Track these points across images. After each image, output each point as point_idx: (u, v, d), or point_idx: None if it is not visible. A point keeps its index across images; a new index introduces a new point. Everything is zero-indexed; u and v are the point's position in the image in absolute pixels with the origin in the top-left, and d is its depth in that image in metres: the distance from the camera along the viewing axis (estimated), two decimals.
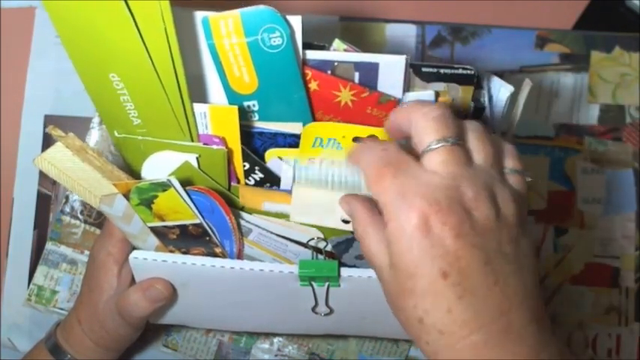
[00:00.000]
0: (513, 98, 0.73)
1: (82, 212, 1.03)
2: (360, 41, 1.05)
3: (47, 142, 1.03)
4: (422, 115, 0.58)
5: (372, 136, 0.68)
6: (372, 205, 0.59)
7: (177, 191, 0.67)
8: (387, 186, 0.55)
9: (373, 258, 0.58)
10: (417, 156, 0.57)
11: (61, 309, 1.02)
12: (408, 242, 0.53)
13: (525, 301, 0.54)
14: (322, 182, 0.71)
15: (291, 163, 0.72)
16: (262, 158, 0.73)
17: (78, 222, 1.03)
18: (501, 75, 1.06)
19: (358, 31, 1.07)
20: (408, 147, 0.59)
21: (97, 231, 1.03)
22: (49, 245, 1.03)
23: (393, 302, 0.57)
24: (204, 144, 0.70)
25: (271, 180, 0.73)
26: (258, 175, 0.73)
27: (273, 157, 0.73)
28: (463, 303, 0.53)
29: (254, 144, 0.73)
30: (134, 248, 0.78)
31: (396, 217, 0.54)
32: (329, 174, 0.71)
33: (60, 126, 0.99)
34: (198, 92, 0.70)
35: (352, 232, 0.72)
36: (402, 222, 0.54)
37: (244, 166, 0.72)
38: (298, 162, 0.71)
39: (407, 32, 1.07)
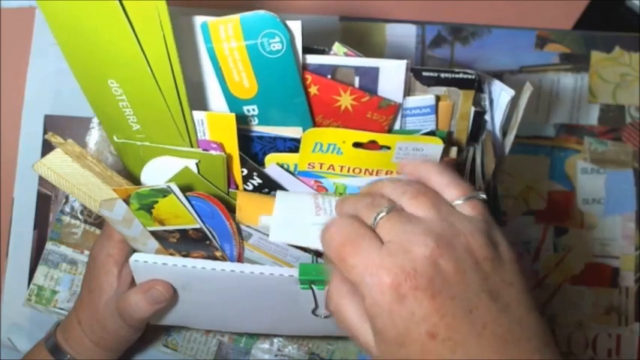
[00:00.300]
0: (514, 102, 0.73)
1: (82, 212, 1.03)
2: (361, 41, 1.05)
3: (47, 142, 1.03)
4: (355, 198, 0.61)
5: (372, 142, 0.68)
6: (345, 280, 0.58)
7: (177, 197, 0.67)
8: (351, 266, 0.55)
9: (356, 332, 0.58)
10: None
11: (61, 309, 1.02)
12: (388, 316, 0.53)
13: (522, 335, 0.54)
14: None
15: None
16: (262, 162, 0.73)
17: (78, 222, 1.03)
18: (501, 75, 1.06)
19: (358, 31, 1.06)
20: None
21: (97, 231, 1.03)
22: (49, 245, 1.03)
23: None
24: (203, 150, 0.70)
25: (269, 186, 0.73)
26: (257, 181, 0.73)
27: (272, 163, 0.73)
28: (458, 356, 0.52)
29: (254, 148, 0.74)
30: (134, 250, 0.78)
31: (370, 294, 0.54)
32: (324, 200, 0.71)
33: (60, 126, 0.99)
34: (198, 98, 0.70)
35: None
36: (376, 298, 0.53)
37: (242, 171, 0.72)
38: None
39: (407, 32, 1.07)
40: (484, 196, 0.59)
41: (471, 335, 0.52)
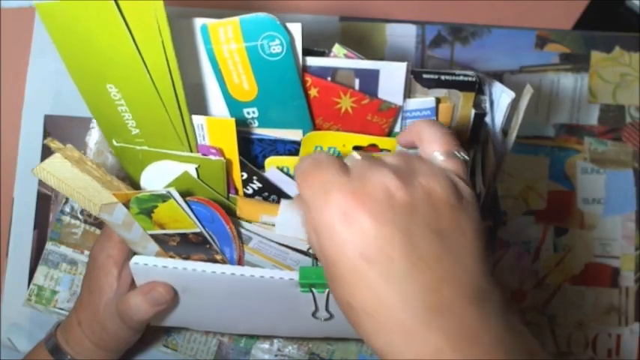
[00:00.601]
0: (514, 104, 0.73)
1: (82, 212, 1.03)
2: (361, 42, 1.05)
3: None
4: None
5: (372, 146, 0.68)
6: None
7: (177, 202, 0.67)
8: (310, 183, 0.56)
9: (313, 249, 0.59)
10: None
11: (61, 309, 1.02)
12: (327, 231, 0.53)
13: (461, 279, 0.53)
14: None
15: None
16: (262, 165, 0.73)
17: (78, 222, 1.03)
18: (501, 75, 1.06)
19: (358, 31, 1.06)
20: None
21: (97, 231, 1.03)
22: (49, 245, 1.03)
23: (330, 287, 0.57)
24: (203, 155, 0.69)
25: (269, 189, 0.73)
26: (256, 185, 0.73)
27: (272, 167, 0.73)
28: (387, 284, 0.52)
29: (254, 151, 0.73)
30: (134, 252, 0.78)
31: (316, 209, 0.55)
32: None
33: (60, 126, 0.99)
34: (197, 100, 0.70)
35: None
36: (320, 213, 0.54)
37: (242, 175, 0.72)
38: None
39: (407, 32, 1.07)
40: (465, 155, 0.59)
41: (405, 266, 0.52)
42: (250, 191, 0.74)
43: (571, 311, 1.05)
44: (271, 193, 0.74)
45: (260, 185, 0.73)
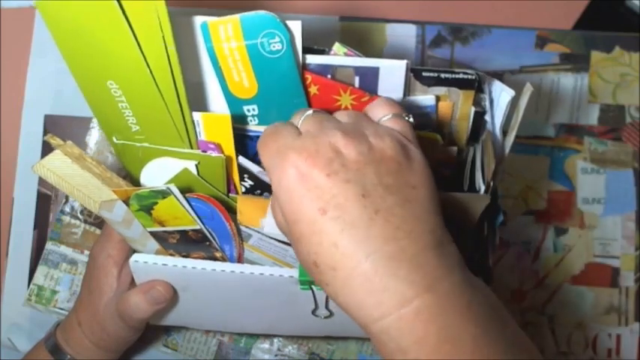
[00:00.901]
0: (514, 102, 0.73)
1: (82, 212, 1.03)
2: (360, 41, 1.05)
3: (47, 142, 1.03)
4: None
5: None
6: None
7: (177, 199, 0.67)
8: (267, 149, 0.59)
9: (274, 216, 0.61)
10: None
11: (61, 309, 1.02)
12: (286, 193, 0.56)
13: (416, 229, 0.55)
14: None
15: None
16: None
17: (78, 222, 1.03)
18: (501, 75, 1.06)
19: (358, 31, 1.06)
20: None
21: (97, 231, 1.03)
22: (49, 245, 1.03)
23: (295, 253, 0.59)
24: (203, 151, 0.69)
25: (261, 187, 0.73)
26: (248, 183, 0.73)
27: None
28: (345, 235, 0.53)
29: (253, 148, 0.73)
30: (134, 251, 0.78)
31: (274, 171, 0.57)
32: None
33: (60, 126, 0.99)
34: (198, 98, 0.70)
35: None
36: (278, 176, 0.57)
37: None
38: None
39: (407, 32, 1.07)
40: (411, 118, 0.62)
41: (361, 218, 0.54)
42: (243, 189, 0.74)
43: (571, 311, 1.05)
44: (263, 192, 0.74)
45: (252, 183, 0.73)
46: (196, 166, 0.70)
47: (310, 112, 0.62)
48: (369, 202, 0.54)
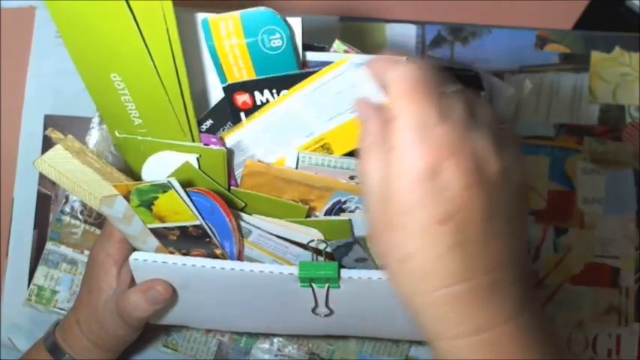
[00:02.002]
0: (513, 100, 0.73)
1: (82, 212, 1.03)
2: (360, 41, 1.05)
3: (47, 142, 1.03)
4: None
5: None
6: (386, 120, 0.54)
7: (177, 192, 0.67)
8: (408, 114, 0.52)
9: (367, 178, 0.55)
10: None
11: (61, 309, 1.02)
12: (411, 180, 0.51)
13: (515, 262, 0.53)
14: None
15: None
16: None
17: (78, 222, 1.03)
18: (501, 75, 1.06)
19: (358, 31, 1.06)
20: None
21: (97, 231, 1.03)
22: (49, 245, 1.03)
23: (377, 232, 0.55)
24: (204, 144, 0.70)
25: None
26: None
27: None
28: (457, 252, 0.51)
29: None
30: (134, 249, 0.78)
31: (407, 150, 0.52)
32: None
33: (60, 126, 0.99)
34: (198, 94, 0.70)
35: (353, 237, 0.72)
36: (410, 158, 0.51)
37: None
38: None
39: (407, 32, 1.07)
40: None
41: (479, 240, 0.52)
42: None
43: (571, 311, 1.05)
44: None
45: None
46: (198, 159, 0.70)
47: (459, 86, 0.55)
48: (490, 227, 0.52)
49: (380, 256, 0.55)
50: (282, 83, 0.67)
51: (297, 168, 0.71)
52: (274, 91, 0.67)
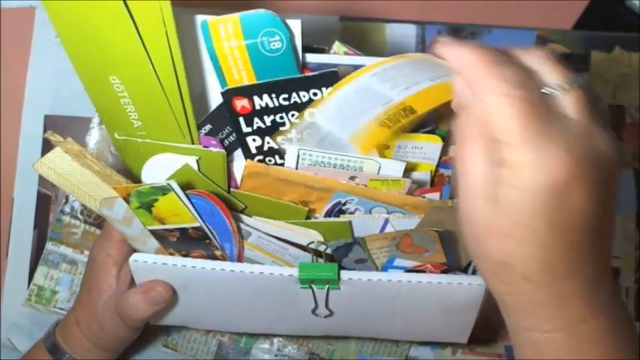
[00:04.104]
0: None
1: (82, 212, 1.03)
2: (360, 41, 1.05)
3: (47, 142, 1.03)
4: (540, 55, 0.53)
5: None
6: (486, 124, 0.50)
7: (177, 195, 0.67)
8: (519, 125, 0.47)
9: (468, 173, 0.51)
10: None
11: (61, 309, 1.02)
12: (533, 195, 0.48)
13: (606, 251, 0.53)
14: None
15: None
16: None
17: (78, 222, 1.03)
18: None
19: (358, 31, 1.06)
20: None
21: (97, 231, 1.03)
22: (49, 245, 1.03)
23: (476, 235, 0.52)
24: (204, 146, 0.70)
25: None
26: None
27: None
28: (561, 256, 0.50)
29: None
30: (134, 250, 0.78)
31: (527, 162, 0.47)
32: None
33: (60, 126, 0.99)
34: (198, 96, 0.70)
35: (353, 237, 0.72)
36: (534, 175, 0.47)
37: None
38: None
39: (407, 32, 1.07)
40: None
41: (584, 242, 0.50)
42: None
43: None
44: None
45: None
46: (197, 161, 0.70)
47: (576, 84, 0.50)
48: (597, 226, 0.50)
49: (475, 257, 0.54)
50: (281, 88, 0.66)
51: (297, 167, 0.71)
52: (274, 95, 0.67)
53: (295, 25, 0.64)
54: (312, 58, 0.68)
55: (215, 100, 0.70)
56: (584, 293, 0.52)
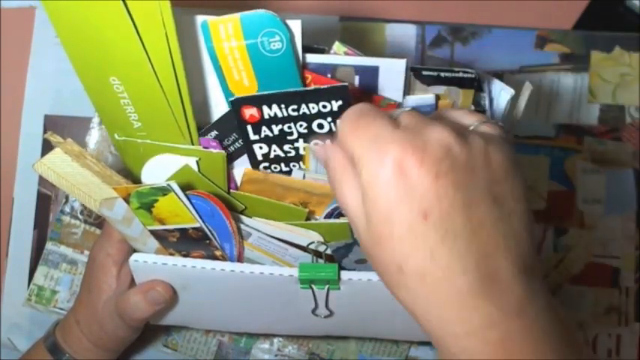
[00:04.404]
0: (514, 101, 0.73)
1: (82, 212, 1.03)
2: (360, 42, 1.05)
3: (47, 142, 1.02)
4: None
5: None
6: (348, 157, 0.54)
7: (177, 196, 0.67)
8: (360, 134, 0.53)
9: (348, 208, 0.55)
10: None
11: (61, 309, 1.02)
12: (383, 187, 0.50)
13: (514, 249, 0.51)
14: None
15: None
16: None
17: (78, 222, 1.03)
18: (501, 75, 1.06)
19: (358, 31, 1.06)
20: None
21: (97, 231, 1.03)
22: (49, 245, 1.03)
23: (370, 253, 0.54)
24: (204, 147, 0.70)
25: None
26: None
27: None
28: (446, 245, 0.50)
29: None
30: (134, 250, 0.78)
31: (369, 163, 0.51)
32: None
33: (60, 126, 0.99)
34: (198, 96, 0.70)
35: (353, 238, 0.72)
36: (375, 168, 0.51)
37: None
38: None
39: (407, 32, 1.07)
40: (500, 124, 0.57)
41: (464, 229, 0.50)
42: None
43: (571, 311, 1.05)
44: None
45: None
46: (197, 162, 0.70)
47: (404, 110, 0.55)
48: (475, 213, 0.50)
49: (381, 276, 0.55)
50: (290, 99, 0.66)
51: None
52: (283, 106, 0.67)
53: (295, 25, 0.64)
54: (312, 58, 0.68)
55: (215, 101, 0.70)
56: (486, 294, 0.50)
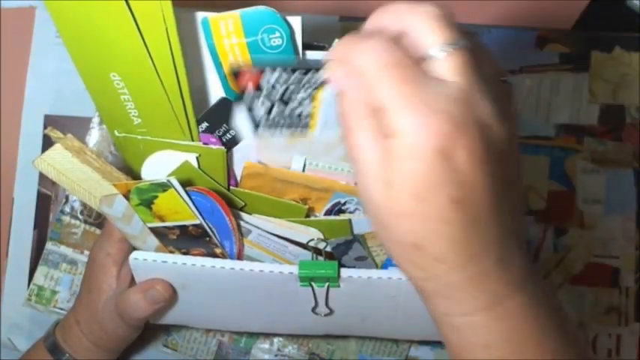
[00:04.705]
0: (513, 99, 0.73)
1: (82, 212, 1.03)
2: None
3: (47, 142, 1.03)
4: (422, 13, 0.49)
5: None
6: (373, 103, 0.48)
7: (177, 192, 0.67)
8: (397, 91, 0.47)
9: (360, 161, 0.50)
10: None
11: (61, 309, 1.02)
12: (421, 164, 0.46)
13: (518, 228, 0.52)
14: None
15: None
16: None
17: (78, 222, 1.03)
18: None
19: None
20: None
21: (97, 231, 1.03)
22: (49, 245, 1.03)
23: (381, 219, 0.50)
24: (204, 143, 0.70)
25: None
26: None
27: None
28: (469, 233, 0.49)
29: None
30: (134, 249, 0.78)
31: (410, 132, 0.46)
32: None
33: (60, 126, 0.99)
34: (198, 93, 0.70)
35: (353, 235, 0.72)
36: (417, 140, 0.46)
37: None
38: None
39: None
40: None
41: (488, 218, 0.49)
42: None
43: (571, 311, 1.05)
44: None
45: None
46: (197, 158, 0.70)
47: (459, 45, 0.48)
48: (498, 201, 0.49)
49: (387, 245, 0.52)
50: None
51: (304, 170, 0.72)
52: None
53: (295, 21, 0.64)
54: (312, 55, 0.68)
55: (215, 97, 0.70)
56: (497, 272, 0.51)
